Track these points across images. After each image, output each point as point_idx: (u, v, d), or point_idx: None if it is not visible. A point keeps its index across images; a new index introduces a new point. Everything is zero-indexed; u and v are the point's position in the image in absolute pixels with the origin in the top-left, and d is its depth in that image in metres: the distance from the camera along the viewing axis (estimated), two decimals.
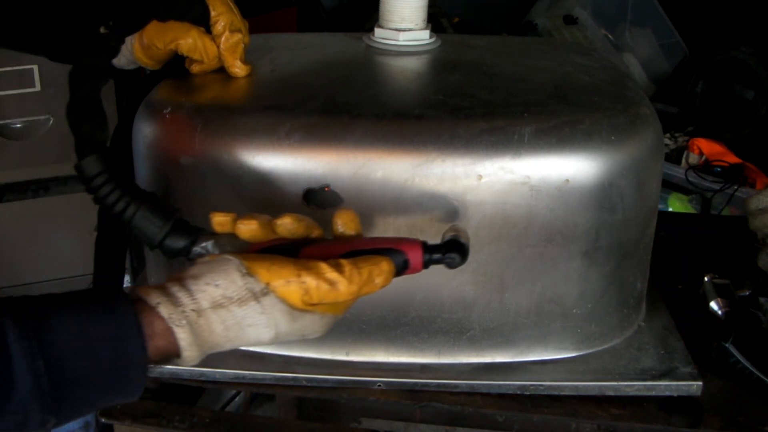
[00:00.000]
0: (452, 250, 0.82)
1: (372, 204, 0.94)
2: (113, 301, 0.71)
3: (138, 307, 0.71)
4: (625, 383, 1.01)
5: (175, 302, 0.72)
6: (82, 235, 2.28)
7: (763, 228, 1.16)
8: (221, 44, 1.04)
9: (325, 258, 0.77)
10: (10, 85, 2.19)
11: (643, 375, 1.02)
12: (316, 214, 0.91)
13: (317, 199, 0.92)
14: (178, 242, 0.85)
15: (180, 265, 0.85)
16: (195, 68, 1.06)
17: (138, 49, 1.02)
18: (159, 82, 1.07)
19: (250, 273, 0.74)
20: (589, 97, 1.03)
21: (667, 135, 2.82)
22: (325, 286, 0.75)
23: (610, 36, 3.31)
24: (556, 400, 1.03)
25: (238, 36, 1.04)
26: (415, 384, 1.03)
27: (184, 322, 0.72)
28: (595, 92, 1.05)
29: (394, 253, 0.80)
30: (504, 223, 0.95)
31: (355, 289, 0.76)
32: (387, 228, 0.95)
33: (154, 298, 0.72)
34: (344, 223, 0.83)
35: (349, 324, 1.02)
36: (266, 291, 0.74)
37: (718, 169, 2.58)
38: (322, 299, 0.76)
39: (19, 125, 2.23)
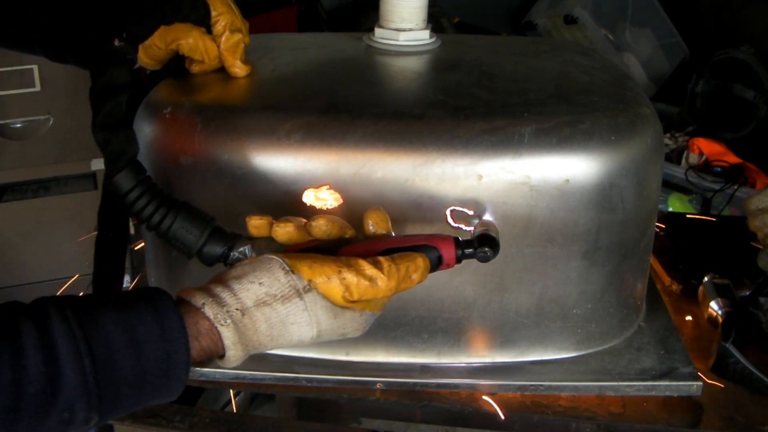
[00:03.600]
0: (484, 244, 0.85)
1: (372, 204, 0.94)
2: (157, 302, 0.72)
3: (183, 308, 0.73)
4: (626, 383, 1.01)
5: (219, 302, 0.73)
6: (82, 235, 2.27)
7: (763, 228, 1.16)
8: (221, 44, 1.04)
9: (363, 256, 0.79)
10: (10, 85, 2.19)
11: (643, 375, 1.02)
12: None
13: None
14: (216, 249, 0.86)
15: (183, 268, 0.85)
16: (195, 68, 1.06)
17: (138, 50, 1.02)
18: (159, 82, 1.07)
19: (293, 270, 0.76)
20: (590, 97, 1.03)
21: (668, 135, 2.82)
22: (364, 283, 0.77)
23: (610, 36, 3.30)
24: (556, 400, 1.03)
25: (238, 36, 1.04)
26: (415, 384, 1.03)
27: (228, 321, 0.73)
28: (596, 92, 1.05)
29: (429, 250, 0.82)
30: (504, 223, 0.95)
31: (393, 284, 0.78)
32: None
33: (199, 299, 0.73)
34: (375, 223, 0.85)
35: None
36: (309, 288, 0.76)
37: (719, 169, 2.57)
38: (362, 296, 0.78)
39: (19, 125, 2.24)
